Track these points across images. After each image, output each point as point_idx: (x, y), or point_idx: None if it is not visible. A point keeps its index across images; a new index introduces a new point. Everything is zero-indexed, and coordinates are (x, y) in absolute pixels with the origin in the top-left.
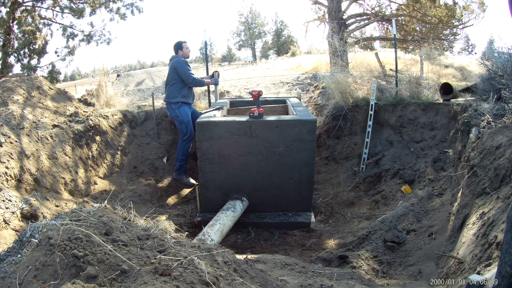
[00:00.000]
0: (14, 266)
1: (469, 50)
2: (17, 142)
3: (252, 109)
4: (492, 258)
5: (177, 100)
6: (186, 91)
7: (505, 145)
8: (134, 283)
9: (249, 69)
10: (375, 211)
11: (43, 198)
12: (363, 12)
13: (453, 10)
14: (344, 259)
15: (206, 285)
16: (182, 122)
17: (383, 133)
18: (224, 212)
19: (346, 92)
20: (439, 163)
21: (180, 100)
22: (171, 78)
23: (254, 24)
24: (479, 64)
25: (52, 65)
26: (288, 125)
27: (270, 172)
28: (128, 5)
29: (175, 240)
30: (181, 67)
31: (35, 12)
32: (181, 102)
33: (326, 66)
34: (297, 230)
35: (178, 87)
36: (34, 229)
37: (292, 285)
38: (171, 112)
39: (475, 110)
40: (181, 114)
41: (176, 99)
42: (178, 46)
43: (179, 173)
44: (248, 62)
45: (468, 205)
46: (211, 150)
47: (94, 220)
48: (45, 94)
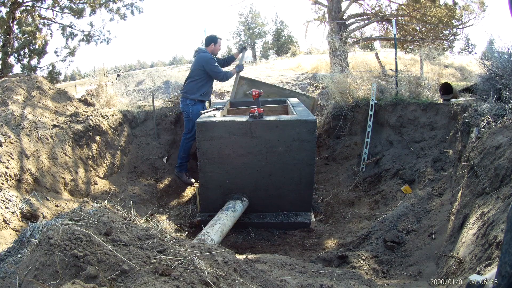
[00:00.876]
0: (14, 266)
1: (469, 50)
2: (17, 142)
3: (252, 109)
4: (492, 258)
5: (195, 97)
6: (207, 89)
7: (505, 145)
8: (134, 283)
9: (249, 69)
10: (375, 211)
11: (43, 198)
12: (363, 12)
13: (453, 10)
14: (344, 259)
15: (206, 285)
16: (190, 120)
17: (383, 133)
18: (224, 212)
19: (346, 92)
20: (439, 163)
21: (198, 97)
22: (195, 74)
23: (254, 24)
24: (479, 64)
25: (52, 65)
26: (288, 125)
27: (270, 172)
28: (128, 5)
29: (175, 240)
30: (210, 65)
31: (35, 12)
32: (198, 100)
33: (326, 66)
34: (297, 230)
35: (200, 84)
36: (34, 229)
37: (292, 285)
38: (184, 107)
39: (475, 110)
40: (193, 111)
41: (194, 96)
42: (212, 40)
43: (179, 170)
44: (248, 62)
45: (468, 205)
46: (211, 150)
47: (94, 220)
48: (45, 94)
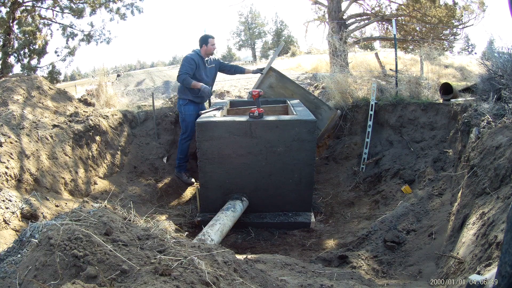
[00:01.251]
0: (14, 266)
1: (469, 50)
2: (17, 142)
3: (252, 109)
4: (492, 258)
5: (186, 97)
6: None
7: (505, 145)
8: (134, 283)
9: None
10: (375, 211)
11: (43, 198)
12: (363, 12)
13: (453, 10)
14: (344, 259)
15: (206, 285)
16: (184, 120)
17: (383, 133)
18: (224, 212)
19: (346, 92)
20: (439, 163)
21: (188, 97)
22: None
23: (254, 24)
24: (479, 64)
25: (52, 65)
26: (288, 125)
27: (270, 172)
28: (128, 5)
29: (175, 240)
30: (182, 62)
31: (35, 12)
32: (189, 100)
33: (326, 66)
34: (297, 230)
35: None
36: (34, 229)
37: (292, 285)
38: (178, 107)
39: (475, 110)
40: (185, 112)
41: (185, 96)
42: (203, 40)
43: (179, 170)
44: (248, 62)
45: (468, 205)
46: (211, 150)
47: (94, 220)
48: (45, 94)
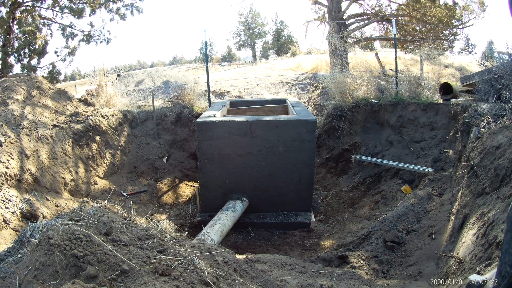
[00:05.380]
0: (14, 266)
1: (469, 50)
2: (17, 142)
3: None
4: (492, 258)
5: None
6: None
7: (505, 145)
8: (134, 283)
9: (249, 69)
10: (375, 211)
11: (43, 198)
12: (363, 12)
13: (453, 10)
14: (344, 259)
15: (206, 285)
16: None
17: (383, 133)
18: (224, 212)
19: (346, 92)
20: (439, 163)
21: None
22: None
23: (254, 24)
24: (479, 64)
25: (52, 65)
26: (288, 125)
27: (270, 172)
28: (128, 5)
29: (175, 240)
30: None
31: (35, 12)
32: None
33: (326, 66)
34: (297, 230)
35: None
36: (34, 229)
37: (292, 285)
38: None
39: (475, 110)
40: None
41: None
42: None
43: None
44: (248, 62)
45: (468, 205)
46: (211, 150)
47: (94, 220)
48: (45, 94)
